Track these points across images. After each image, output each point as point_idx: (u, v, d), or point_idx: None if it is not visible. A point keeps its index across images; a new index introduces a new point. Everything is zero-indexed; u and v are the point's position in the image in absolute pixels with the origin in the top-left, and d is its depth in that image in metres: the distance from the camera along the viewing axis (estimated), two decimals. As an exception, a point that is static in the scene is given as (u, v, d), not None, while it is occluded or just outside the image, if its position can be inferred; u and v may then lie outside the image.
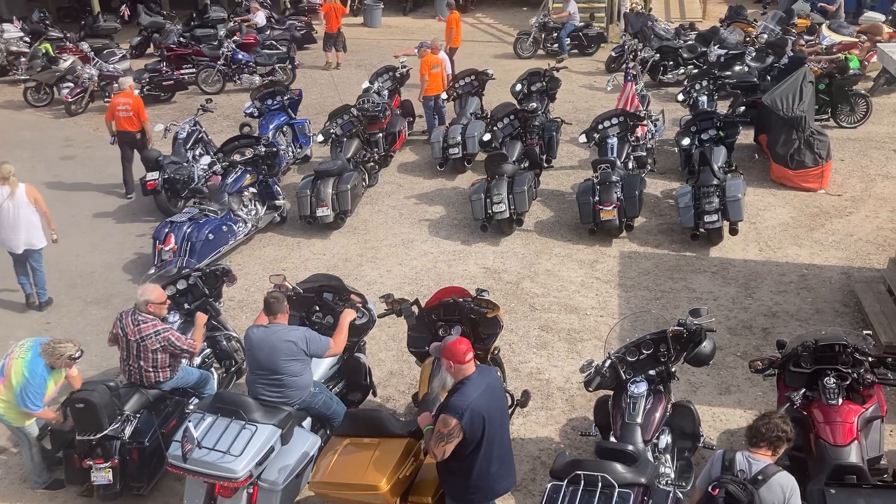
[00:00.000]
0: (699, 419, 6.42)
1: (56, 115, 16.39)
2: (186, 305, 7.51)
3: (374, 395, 7.47)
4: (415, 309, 6.94)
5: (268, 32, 19.29)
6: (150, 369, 6.54)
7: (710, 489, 4.70)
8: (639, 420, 6.04)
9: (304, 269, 9.84)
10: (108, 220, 11.65)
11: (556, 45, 19.14)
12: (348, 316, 6.67)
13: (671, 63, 16.58)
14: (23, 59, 17.69)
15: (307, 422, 6.43)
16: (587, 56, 19.24)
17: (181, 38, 18.39)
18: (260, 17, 19.78)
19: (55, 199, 12.31)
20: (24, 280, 9.37)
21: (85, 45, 18.01)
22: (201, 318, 7.10)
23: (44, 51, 16.79)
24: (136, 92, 13.71)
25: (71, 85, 16.26)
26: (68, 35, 19.30)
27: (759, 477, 4.65)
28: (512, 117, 12.33)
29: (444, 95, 13.68)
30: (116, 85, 12.93)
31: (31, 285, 9.38)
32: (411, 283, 9.63)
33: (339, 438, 5.82)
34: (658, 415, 6.13)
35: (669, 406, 6.30)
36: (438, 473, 5.37)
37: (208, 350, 7.54)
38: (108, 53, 17.64)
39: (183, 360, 6.83)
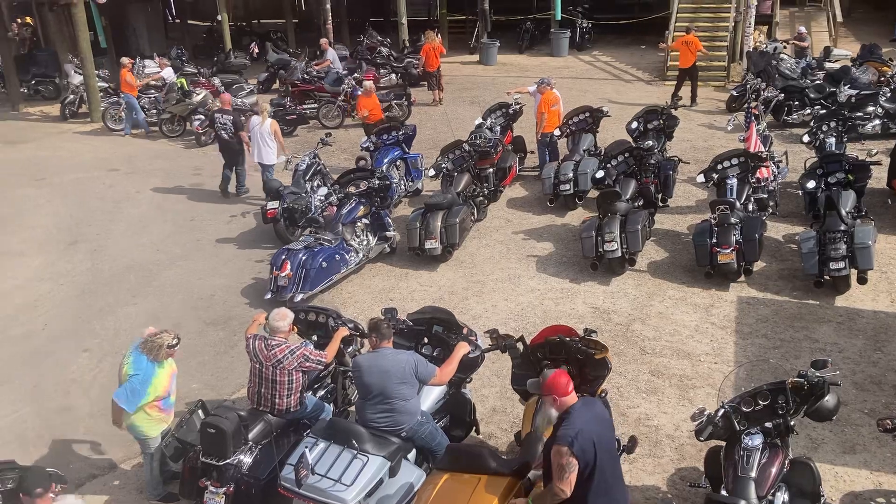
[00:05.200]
0: (820, 478, 6.01)
1: (187, 146, 17.37)
2: (315, 338, 7.59)
3: (477, 432, 7.40)
4: (520, 346, 6.85)
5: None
6: (283, 394, 6.62)
7: None
8: (753, 474, 5.73)
9: (411, 301, 9.94)
10: (229, 246, 12.17)
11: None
12: (462, 349, 6.65)
13: (797, 103, 15.97)
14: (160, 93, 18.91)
15: (412, 454, 6.42)
16: None
17: (305, 75, 19.20)
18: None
19: (182, 223, 13.06)
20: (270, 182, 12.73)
21: (216, 80, 19.07)
22: (341, 332, 7.20)
23: (179, 85, 17.88)
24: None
25: (202, 117, 17.21)
26: (202, 70, 20.55)
27: None
28: (627, 155, 12.16)
29: (556, 132, 13.65)
30: (363, 89, 15.41)
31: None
32: (517, 320, 9.56)
33: (439, 472, 5.77)
34: (774, 470, 5.80)
35: (787, 461, 5.94)
36: None
37: (332, 385, 7.62)
38: (237, 88, 18.60)
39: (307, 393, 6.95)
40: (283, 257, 10.11)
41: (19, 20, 26.08)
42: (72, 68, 20.03)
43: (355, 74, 19.07)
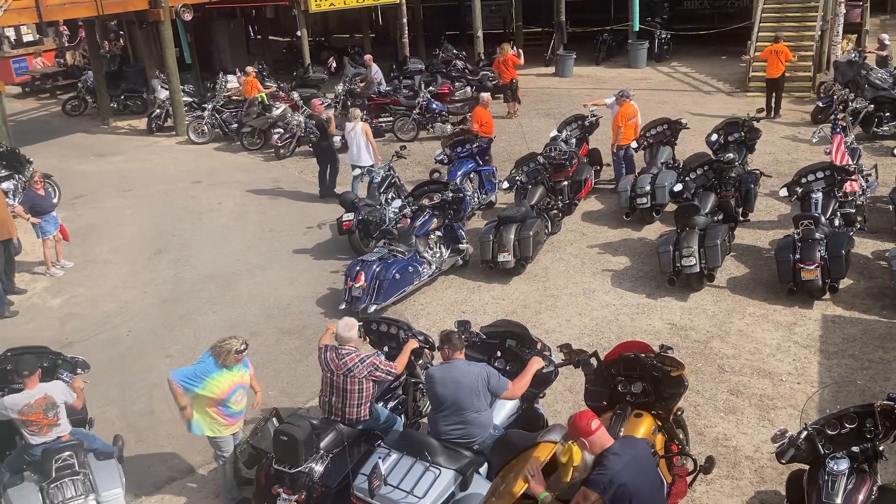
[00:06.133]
0: (912, 508, 5.72)
1: (266, 158, 17.81)
2: (386, 349, 7.62)
3: (550, 447, 7.31)
4: (594, 361, 6.74)
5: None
6: (354, 404, 6.68)
7: None
8: (838, 501, 5.48)
9: (483, 313, 9.91)
10: (305, 257, 12.39)
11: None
12: (536, 364, 6.60)
13: (888, 114, 15.34)
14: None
15: (484, 468, 6.38)
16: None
17: (381, 89, 19.47)
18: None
19: (261, 234, 13.38)
20: (355, 185, 13.72)
21: (295, 95, 19.53)
22: (411, 343, 7.21)
23: (259, 99, 18.37)
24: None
25: (281, 131, 17.63)
26: (281, 85, 21.05)
27: None
28: (706, 168, 11.88)
29: (633, 144, 13.45)
30: (481, 100, 15.14)
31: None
32: (591, 335, 9.42)
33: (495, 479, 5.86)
34: (861, 497, 5.53)
35: (875, 488, 5.66)
36: None
37: (403, 397, 7.63)
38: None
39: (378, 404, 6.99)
40: (358, 268, 10.24)
41: (114, 36, 27.28)
42: (158, 83, 20.83)
43: (430, 87, 19.23)
